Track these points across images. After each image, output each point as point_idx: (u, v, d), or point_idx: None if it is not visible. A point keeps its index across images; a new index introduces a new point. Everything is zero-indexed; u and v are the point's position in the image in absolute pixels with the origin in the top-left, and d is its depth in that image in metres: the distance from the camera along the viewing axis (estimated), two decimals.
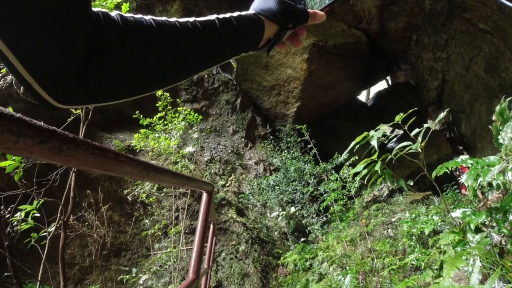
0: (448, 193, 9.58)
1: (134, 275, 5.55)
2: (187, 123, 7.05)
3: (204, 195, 2.29)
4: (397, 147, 2.64)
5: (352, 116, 17.33)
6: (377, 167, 2.33)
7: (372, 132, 2.45)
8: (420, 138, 2.29)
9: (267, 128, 14.22)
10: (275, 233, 9.71)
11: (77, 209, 4.86)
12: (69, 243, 5.69)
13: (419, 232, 5.06)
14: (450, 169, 2.68)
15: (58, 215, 2.98)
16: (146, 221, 6.05)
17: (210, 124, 12.88)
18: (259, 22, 0.74)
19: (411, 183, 2.87)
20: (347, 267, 5.89)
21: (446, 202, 7.93)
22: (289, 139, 12.14)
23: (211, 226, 5.28)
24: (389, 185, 10.66)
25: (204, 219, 2.24)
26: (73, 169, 3.16)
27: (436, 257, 4.75)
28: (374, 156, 2.51)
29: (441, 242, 4.55)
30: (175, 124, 6.51)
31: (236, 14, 0.72)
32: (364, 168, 2.50)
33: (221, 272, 7.54)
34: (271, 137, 13.00)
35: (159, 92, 6.26)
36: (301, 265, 7.82)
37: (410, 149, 2.38)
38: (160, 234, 5.91)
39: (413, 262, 4.64)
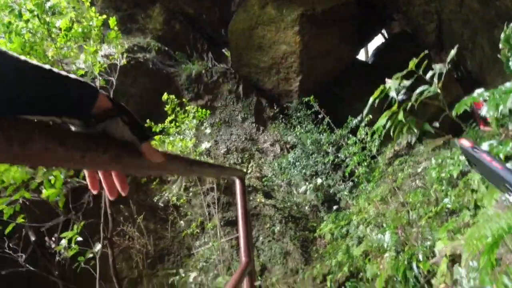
0: (468, 132, 9.46)
1: (183, 275, 5.74)
2: (197, 121, 7.10)
3: (237, 182, 2.32)
4: (416, 92, 2.63)
5: (356, 78, 17.10)
6: (400, 116, 2.34)
7: (388, 83, 2.45)
8: (436, 80, 2.28)
9: (275, 108, 14.19)
10: (306, 208, 9.81)
11: (115, 225, 5.02)
12: (116, 258, 5.91)
13: (448, 176, 5.04)
14: (469, 106, 2.66)
15: (101, 234, 3.09)
16: (181, 222, 6.20)
17: (218, 117, 12.93)
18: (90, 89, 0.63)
19: (437, 125, 2.86)
20: (384, 225, 5.94)
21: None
22: (298, 114, 12.11)
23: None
24: (409, 137, 10.55)
25: (243, 203, 2.24)
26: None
27: (469, 197, 4.75)
28: (394, 108, 2.51)
29: (472, 181, 4.55)
30: (186, 124, 6.57)
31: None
32: (387, 121, 2.50)
33: (263, 256, 7.70)
34: (281, 116, 13.00)
35: (165, 96, 6.32)
36: (338, 233, 7.90)
37: (429, 92, 2.38)
38: (197, 231, 6.06)
39: (448, 206, 4.65)
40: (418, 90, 2.46)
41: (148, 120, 6.35)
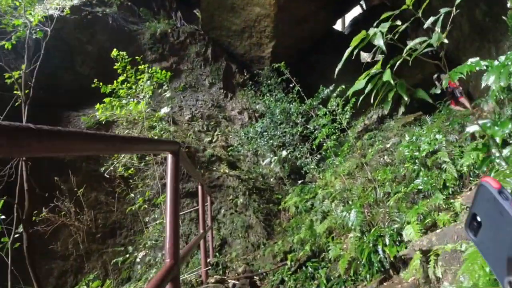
0: (442, 109, 9.31)
1: (128, 254, 5.25)
2: (155, 83, 6.42)
3: (169, 157, 1.84)
4: (410, 44, 2.14)
5: (331, 48, 16.58)
6: (387, 76, 1.84)
7: (373, 30, 1.95)
8: (438, 29, 1.80)
9: (245, 74, 13.52)
10: (271, 179, 9.48)
11: (48, 201, 4.41)
12: (57, 235, 5.30)
13: (423, 154, 4.72)
14: (465, 74, 2.22)
15: (15, 214, 2.51)
16: (132, 195, 5.65)
17: (184, 80, 12.13)
18: None
19: (438, 91, 2.41)
20: (350, 202, 5.66)
21: (440, 119, 7.63)
22: (269, 81, 11.53)
23: (200, 187, 4.93)
24: (381, 110, 10.25)
25: (173, 184, 1.83)
26: (21, 158, 2.64)
27: (442, 179, 4.48)
28: (378, 66, 2.02)
29: (465, 162, 4.25)
30: (141, 85, 5.88)
31: None
32: (367, 83, 2.01)
33: (224, 229, 7.35)
34: (251, 83, 12.37)
35: (114, 53, 5.55)
36: (302, 207, 7.64)
37: (429, 45, 1.90)
38: (147, 206, 5.54)
39: (419, 188, 4.35)
40: (414, 41, 1.96)
41: (95, 80, 5.61)
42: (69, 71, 9.56)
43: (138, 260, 5.13)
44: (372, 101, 1.99)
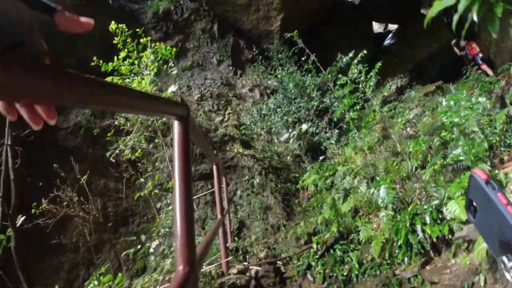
0: (469, 76, 8.65)
1: (141, 245, 4.92)
2: (159, 59, 5.96)
3: (175, 124, 1.36)
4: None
5: (342, 19, 15.81)
6: None
7: None
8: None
9: (254, 50, 12.90)
10: (288, 158, 9.05)
11: (48, 190, 4.07)
12: (65, 226, 5.00)
13: (463, 121, 4.16)
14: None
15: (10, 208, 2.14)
16: (142, 179, 5.29)
17: (191, 59, 11.61)
18: None
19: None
20: (377, 178, 5.20)
21: (465, 87, 7.03)
22: (280, 55, 10.93)
23: (215, 167, 4.49)
24: (399, 81, 9.61)
25: (182, 161, 1.31)
26: (5, 143, 2.25)
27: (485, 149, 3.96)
28: None
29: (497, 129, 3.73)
30: (144, 61, 5.44)
31: None
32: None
33: (241, 212, 7.00)
34: (260, 57, 11.76)
35: (113, 25, 5.08)
36: (322, 185, 7.24)
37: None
38: (158, 191, 5.18)
39: (461, 158, 3.84)
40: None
41: (95, 58, 5.18)
42: (70, 56, 9.16)
43: (151, 250, 4.82)
44: (476, 19, 1.49)
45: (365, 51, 5.80)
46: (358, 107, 5.88)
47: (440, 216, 3.56)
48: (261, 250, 5.36)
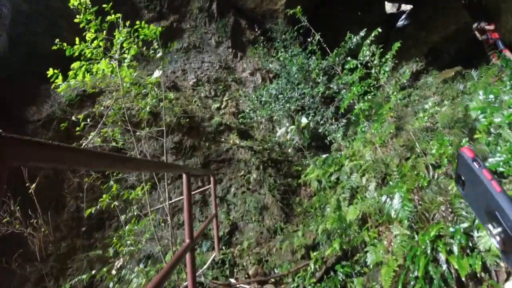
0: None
1: (101, 266, 4.19)
2: (139, 40, 5.15)
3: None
4: None
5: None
6: None
7: None
8: None
9: (256, 30, 11.93)
10: (289, 149, 8.23)
11: None
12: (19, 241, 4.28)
13: (507, 120, 3.24)
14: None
15: None
16: (111, 182, 4.52)
17: (187, 40, 10.72)
18: None
19: None
20: (391, 182, 4.38)
21: (489, 73, 6.07)
22: (284, 36, 9.97)
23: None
24: (415, 65, 8.55)
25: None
26: None
27: None
28: None
29: None
30: (117, 43, 4.63)
31: None
32: None
33: (234, 212, 6.27)
34: (262, 38, 10.80)
35: (74, 1, 4.23)
36: (326, 181, 6.46)
37: None
38: (139, 194, 4.38)
39: (500, 169, 2.95)
40: None
41: (57, 41, 4.37)
42: (53, 38, 8.38)
43: (113, 272, 4.10)
44: None
45: (379, 29, 4.88)
46: (369, 96, 5.00)
47: (470, 244, 2.76)
48: (252, 263, 4.63)
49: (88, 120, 4.83)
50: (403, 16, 17.66)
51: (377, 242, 3.74)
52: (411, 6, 17.55)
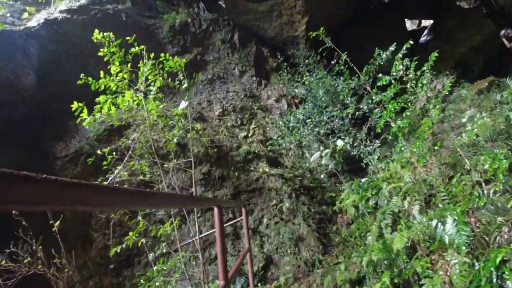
0: None
1: None
2: (164, 72, 5.14)
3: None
4: None
5: (371, 18, 14.62)
6: None
7: None
8: None
9: (279, 57, 11.92)
10: (322, 175, 7.88)
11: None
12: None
13: None
14: None
15: None
16: (139, 217, 4.34)
17: (211, 72, 10.81)
18: None
19: None
20: (441, 204, 3.97)
21: None
22: (307, 60, 9.86)
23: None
24: (445, 78, 8.13)
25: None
26: None
27: None
28: None
29: None
30: (143, 75, 4.60)
31: None
32: None
33: (268, 244, 5.92)
34: (285, 64, 10.73)
35: (97, 35, 4.26)
36: (364, 207, 6.04)
37: None
38: (144, 240, 4.17)
39: None
40: None
41: (82, 75, 4.38)
42: (81, 75, 8.65)
43: None
44: None
45: (411, 41, 4.62)
46: (408, 113, 4.65)
47: None
48: None
49: (114, 153, 4.76)
50: (425, 32, 17.35)
51: (432, 273, 3.31)
52: (432, 21, 17.25)
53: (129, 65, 4.45)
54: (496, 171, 3.33)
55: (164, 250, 4.35)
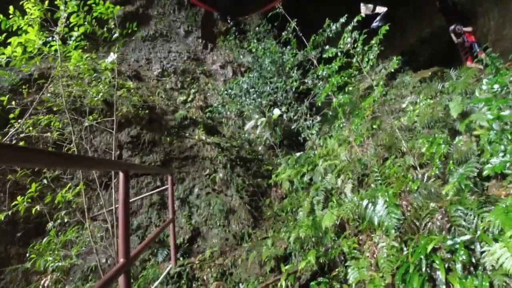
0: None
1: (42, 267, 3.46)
2: (91, 17, 4.45)
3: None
4: None
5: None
6: None
7: None
8: None
9: (229, 22, 11.29)
10: (260, 147, 7.67)
11: None
12: None
13: None
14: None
15: None
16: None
17: (154, 28, 9.92)
18: None
19: None
20: (374, 184, 3.89)
21: (469, 75, 5.80)
22: (257, 28, 9.40)
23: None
24: (388, 63, 8.12)
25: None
26: None
27: None
28: None
29: None
30: (63, 14, 3.89)
31: None
32: None
33: (197, 215, 5.62)
34: (235, 29, 10.17)
35: None
36: (298, 182, 5.96)
37: None
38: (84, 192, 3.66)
39: (507, 171, 2.50)
40: None
41: None
42: None
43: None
44: None
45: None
46: (350, 88, 4.49)
47: (473, 260, 2.30)
48: (213, 276, 4.02)
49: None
50: (378, 18, 17.63)
51: (358, 254, 3.23)
52: (386, 8, 17.51)
53: (47, 2, 3.71)
54: (433, 156, 3.27)
55: (66, 220, 3.83)
